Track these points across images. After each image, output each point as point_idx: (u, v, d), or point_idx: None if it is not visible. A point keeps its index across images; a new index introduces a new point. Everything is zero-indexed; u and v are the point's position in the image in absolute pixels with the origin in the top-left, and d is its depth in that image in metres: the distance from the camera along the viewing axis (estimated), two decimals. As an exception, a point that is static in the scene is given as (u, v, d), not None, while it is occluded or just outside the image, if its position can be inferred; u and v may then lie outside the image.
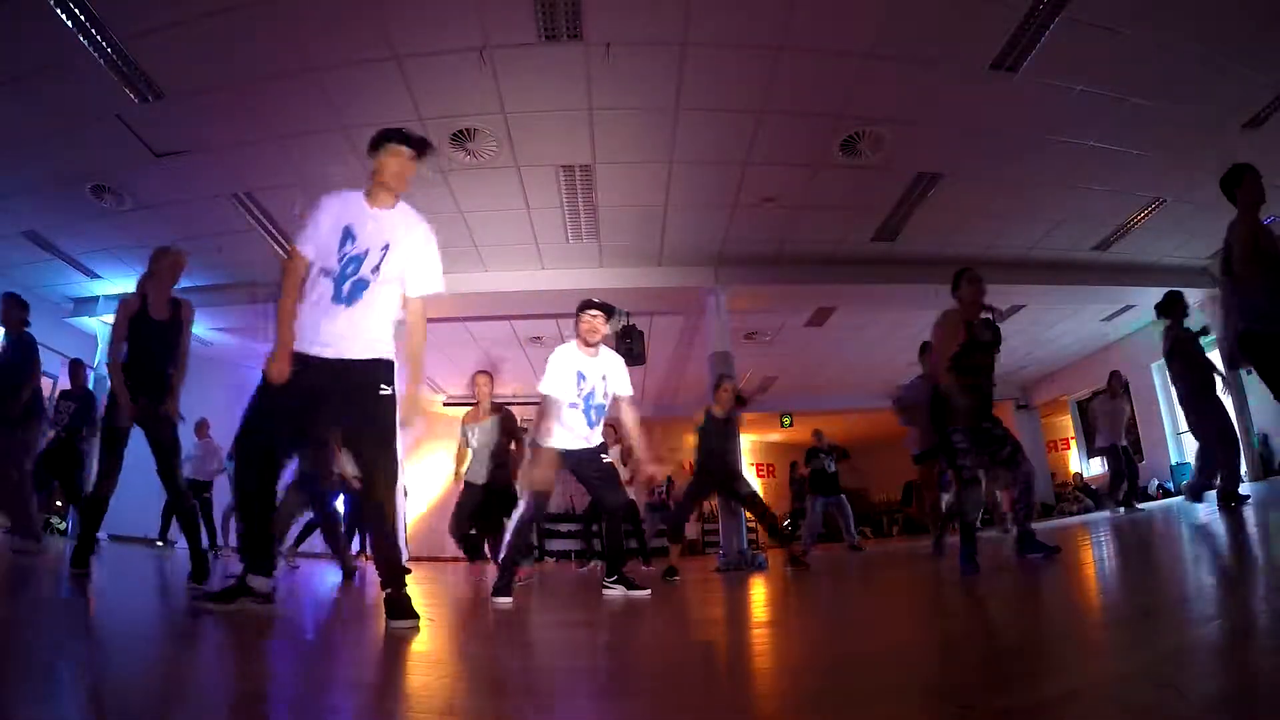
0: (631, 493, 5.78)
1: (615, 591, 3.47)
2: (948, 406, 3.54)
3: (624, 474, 3.88)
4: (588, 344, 3.54)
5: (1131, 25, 4.26)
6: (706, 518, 13.15)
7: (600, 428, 3.62)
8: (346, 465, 4.85)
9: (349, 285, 2.31)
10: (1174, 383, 5.17)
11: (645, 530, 7.46)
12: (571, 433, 3.52)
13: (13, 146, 5.08)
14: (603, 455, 3.61)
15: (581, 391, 3.51)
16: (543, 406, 3.50)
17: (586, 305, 3.56)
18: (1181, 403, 5.22)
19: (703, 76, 4.66)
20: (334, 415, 2.39)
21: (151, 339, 3.56)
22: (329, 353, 2.30)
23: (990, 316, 3.70)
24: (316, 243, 2.34)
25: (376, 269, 2.32)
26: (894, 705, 1.17)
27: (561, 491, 8.17)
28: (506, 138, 5.23)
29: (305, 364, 2.29)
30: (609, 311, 3.59)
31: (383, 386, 2.35)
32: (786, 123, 5.21)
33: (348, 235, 2.32)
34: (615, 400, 3.65)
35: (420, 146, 2.39)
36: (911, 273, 7.52)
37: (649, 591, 3.43)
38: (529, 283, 7.39)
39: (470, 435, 5.05)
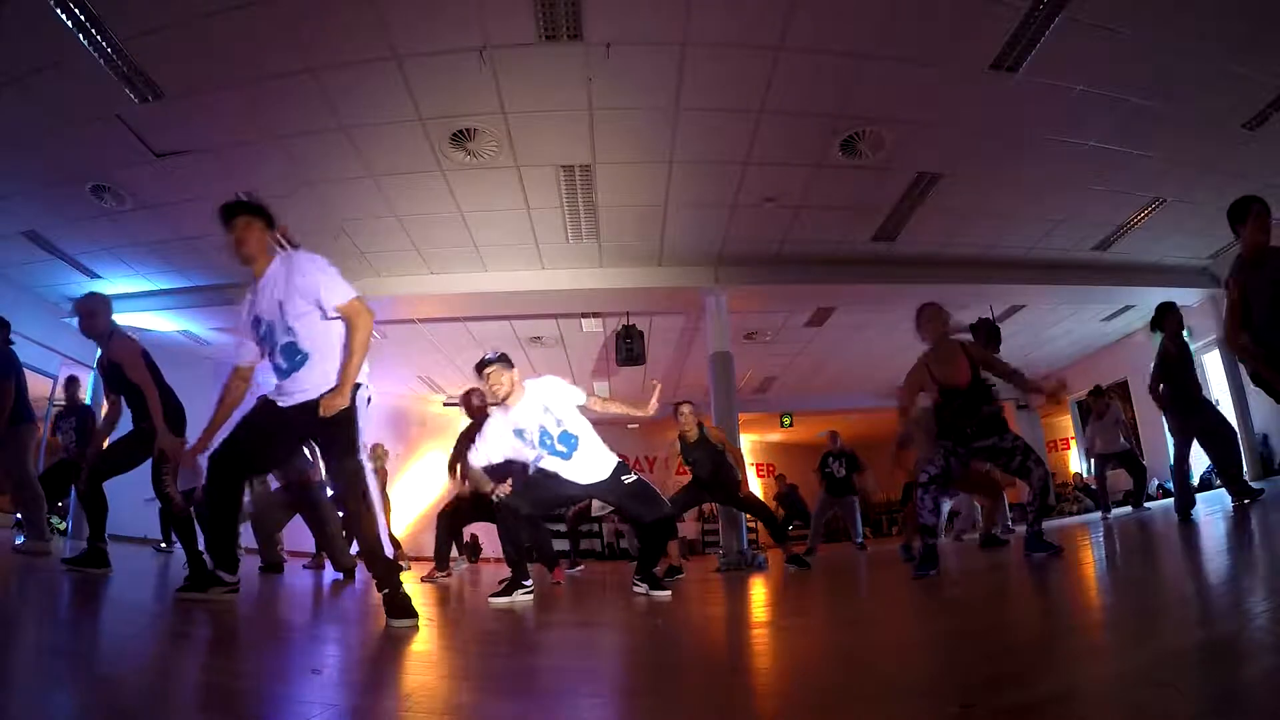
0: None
1: (640, 590, 3.50)
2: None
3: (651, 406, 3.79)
4: (502, 401, 3.35)
5: (1131, 25, 4.25)
6: (706, 518, 13.16)
7: (586, 454, 3.42)
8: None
9: (282, 359, 2.43)
10: (1152, 390, 4.98)
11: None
12: (565, 471, 3.41)
13: (13, 146, 5.07)
14: (623, 478, 3.46)
15: (532, 442, 3.35)
16: (472, 475, 3.49)
17: (480, 366, 3.37)
18: (1165, 409, 5.03)
19: (703, 76, 4.66)
20: (303, 437, 2.61)
21: (109, 383, 3.70)
22: (291, 401, 2.44)
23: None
24: (253, 346, 2.54)
25: (289, 328, 2.40)
26: (894, 704, 1.17)
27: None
28: (506, 138, 5.23)
29: (272, 407, 2.47)
30: (505, 360, 3.37)
31: None
32: (786, 123, 5.20)
33: (257, 322, 2.47)
34: (582, 410, 3.50)
35: (253, 210, 2.53)
36: (911, 273, 7.52)
37: (669, 593, 3.45)
38: (529, 283, 7.38)
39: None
